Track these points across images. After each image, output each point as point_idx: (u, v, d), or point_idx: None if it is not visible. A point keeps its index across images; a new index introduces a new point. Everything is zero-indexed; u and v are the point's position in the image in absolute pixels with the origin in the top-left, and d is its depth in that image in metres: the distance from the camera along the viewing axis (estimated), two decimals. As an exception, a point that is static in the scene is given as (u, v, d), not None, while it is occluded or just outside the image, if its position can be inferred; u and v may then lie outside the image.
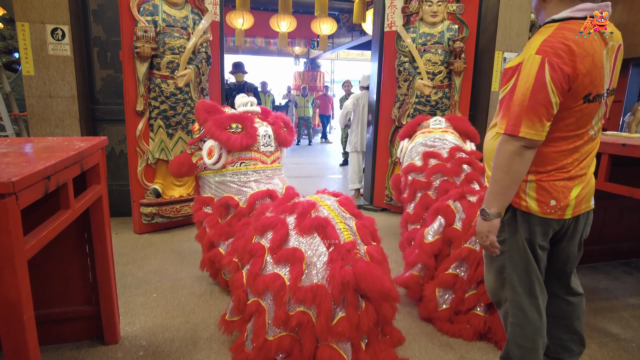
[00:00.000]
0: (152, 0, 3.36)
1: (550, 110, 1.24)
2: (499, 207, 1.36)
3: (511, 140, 1.27)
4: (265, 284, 1.74)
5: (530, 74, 1.23)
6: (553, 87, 1.21)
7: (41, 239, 1.17)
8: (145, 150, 3.50)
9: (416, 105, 4.08)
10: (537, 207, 1.37)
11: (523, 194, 1.38)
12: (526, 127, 1.24)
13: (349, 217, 1.97)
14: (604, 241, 3.23)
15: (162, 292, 2.58)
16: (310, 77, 13.97)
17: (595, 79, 1.27)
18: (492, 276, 1.55)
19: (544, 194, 1.36)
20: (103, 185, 1.83)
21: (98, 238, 1.84)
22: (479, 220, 1.42)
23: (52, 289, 1.89)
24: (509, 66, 1.33)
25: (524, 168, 1.30)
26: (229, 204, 2.35)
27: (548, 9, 1.33)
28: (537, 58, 1.22)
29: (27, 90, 3.51)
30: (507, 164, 1.29)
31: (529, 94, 1.23)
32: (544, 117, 1.24)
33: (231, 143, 2.31)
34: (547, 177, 1.35)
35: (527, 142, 1.26)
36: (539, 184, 1.36)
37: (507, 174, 1.30)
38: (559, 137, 1.33)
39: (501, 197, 1.35)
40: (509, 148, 1.28)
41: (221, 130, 2.32)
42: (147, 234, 3.61)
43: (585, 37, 1.23)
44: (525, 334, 1.48)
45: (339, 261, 1.70)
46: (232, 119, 2.39)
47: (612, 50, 1.31)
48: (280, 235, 1.83)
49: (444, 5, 3.97)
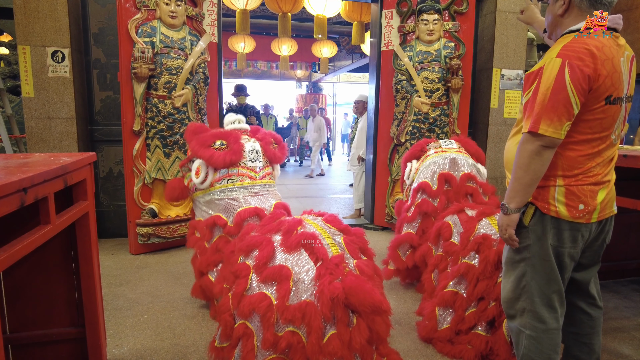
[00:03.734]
0: (150, 22, 3.42)
1: (570, 110, 1.29)
2: (517, 203, 1.41)
3: (531, 139, 1.33)
4: (251, 305, 1.66)
5: (551, 75, 1.30)
6: (572, 88, 1.27)
7: (14, 254, 1.13)
8: (142, 170, 3.48)
9: (414, 123, 4.07)
10: (567, 211, 1.39)
11: (552, 200, 1.40)
12: (545, 124, 1.29)
13: (336, 233, 1.91)
14: (612, 258, 3.12)
15: (153, 313, 2.51)
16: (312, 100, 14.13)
17: (615, 81, 1.32)
18: (511, 284, 1.52)
19: (573, 198, 1.39)
20: (90, 202, 1.79)
21: (84, 256, 1.79)
22: (500, 215, 1.48)
23: (36, 310, 1.82)
24: (531, 71, 1.39)
25: (543, 167, 1.35)
26: (216, 224, 2.29)
27: (565, 23, 1.43)
28: (557, 61, 1.30)
29: (27, 111, 3.54)
30: (527, 163, 1.34)
31: (549, 94, 1.29)
32: (563, 117, 1.29)
33: (214, 159, 2.29)
34: (575, 181, 1.39)
35: (546, 141, 1.31)
36: (568, 189, 1.39)
37: (527, 172, 1.35)
38: (583, 140, 1.37)
39: (521, 194, 1.39)
40: (529, 147, 1.33)
41: (204, 148, 2.30)
42: (143, 255, 3.56)
43: (605, 44, 1.31)
44: (541, 349, 1.45)
45: (327, 276, 1.63)
46: (215, 137, 2.37)
47: (628, 59, 1.39)
48: (265, 253, 1.77)
49: (440, 23, 4.01)
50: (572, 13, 1.40)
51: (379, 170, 4.41)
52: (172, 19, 3.44)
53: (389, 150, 4.28)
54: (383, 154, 4.35)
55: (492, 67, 4.44)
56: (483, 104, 4.60)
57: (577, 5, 1.38)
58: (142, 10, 3.39)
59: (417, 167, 2.99)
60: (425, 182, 2.79)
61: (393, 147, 4.25)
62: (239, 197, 2.33)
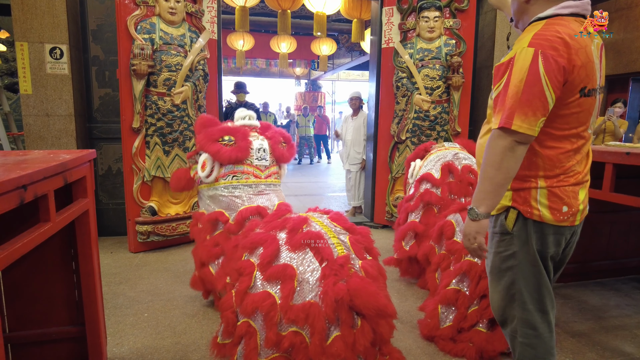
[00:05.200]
0: (150, 18, 3.39)
1: (546, 104, 1.18)
2: (488, 206, 1.27)
3: (504, 135, 1.20)
4: (254, 303, 1.65)
5: (524, 66, 1.18)
6: (547, 80, 1.16)
7: (13, 252, 1.11)
8: (141, 167, 3.46)
9: (415, 121, 4.05)
10: (551, 215, 1.28)
11: (534, 202, 1.29)
12: (519, 120, 1.17)
13: (342, 232, 1.89)
14: (613, 256, 3.12)
15: (153, 312, 2.49)
16: (311, 97, 14.09)
17: (589, 72, 1.23)
18: (499, 294, 1.42)
19: (555, 200, 1.29)
20: (90, 200, 1.77)
21: (84, 255, 1.77)
22: (466, 221, 1.33)
23: (35, 309, 1.80)
24: (501, 63, 1.28)
25: (516, 165, 1.23)
26: (218, 220, 2.28)
27: (532, 10, 1.31)
28: (529, 50, 1.18)
29: (25, 109, 3.51)
30: (499, 160, 1.21)
31: (523, 86, 1.18)
32: (538, 111, 1.18)
33: (220, 155, 2.27)
34: (557, 182, 1.29)
35: (520, 137, 1.19)
36: (550, 190, 1.29)
37: (499, 171, 1.22)
38: (561, 137, 1.27)
39: (492, 196, 1.26)
40: (502, 143, 1.21)
41: (212, 142, 2.28)
42: (142, 253, 3.54)
43: (576, 30, 1.21)
44: (537, 354, 1.37)
45: (332, 277, 1.62)
46: (224, 132, 2.34)
47: (597, 47, 1.30)
48: (270, 251, 1.76)
49: (441, 21, 3.99)
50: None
51: (379, 168, 4.40)
52: (171, 16, 3.42)
53: (389, 148, 4.27)
54: (383, 151, 4.33)
55: (493, 64, 4.42)
56: (484, 102, 4.58)
57: None
58: (141, 6, 3.36)
59: (421, 164, 3.01)
60: (428, 173, 2.85)
61: (393, 145, 4.23)
62: (243, 195, 2.31)
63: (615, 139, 4.97)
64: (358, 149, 4.94)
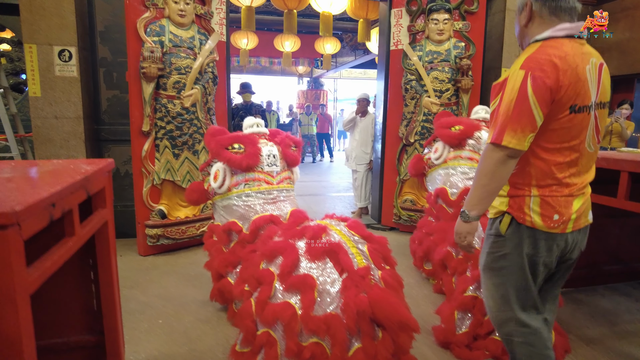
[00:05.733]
0: (159, 21, 3.37)
1: (533, 122, 1.30)
2: (479, 210, 1.41)
3: (496, 149, 1.33)
4: (275, 314, 1.66)
5: (515, 87, 1.30)
6: (535, 99, 1.28)
7: (45, 271, 1.11)
8: (150, 170, 3.45)
9: (424, 123, 4.05)
10: (542, 221, 1.39)
11: (527, 209, 1.40)
12: (509, 136, 1.30)
13: (360, 241, 1.90)
14: (623, 261, 3.13)
15: (167, 317, 2.49)
16: (313, 95, 14.06)
17: (579, 90, 1.31)
18: (489, 292, 1.55)
19: (547, 208, 1.38)
20: (109, 210, 1.77)
21: (103, 265, 1.77)
22: (458, 221, 1.46)
23: (53, 318, 1.81)
24: (497, 82, 1.41)
25: (508, 174, 1.37)
26: (232, 230, 2.29)
27: (531, 33, 1.43)
28: (521, 72, 1.30)
29: (33, 111, 3.50)
30: (492, 170, 1.35)
31: (513, 105, 1.30)
32: (526, 128, 1.29)
33: (232, 162, 2.29)
34: (550, 192, 1.38)
35: (510, 152, 1.32)
36: (543, 199, 1.38)
37: (492, 180, 1.36)
38: (553, 149, 1.37)
39: (484, 202, 1.40)
40: (495, 156, 1.34)
41: (222, 150, 2.30)
42: (152, 256, 3.54)
43: (568, 52, 1.30)
44: (535, 350, 1.48)
45: (353, 289, 1.62)
46: (233, 140, 2.37)
47: (595, 66, 1.37)
48: (290, 261, 1.76)
49: (450, 23, 3.97)
50: (535, 22, 1.40)
51: (387, 170, 4.40)
52: (181, 18, 3.40)
53: (397, 150, 4.26)
54: (391, 153, 4.33)
55: (500, 66, 4.41)
56: (491, 104, 4.57)
57: (539, 14, 1.39)
58: (150, 8, 3.34)
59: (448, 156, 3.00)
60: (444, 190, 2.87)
61: (402, 147, 4.23)
62: (255, 203, 2.31)
63: (622, 140, 4.97)
64: (366, 149, 4.94)
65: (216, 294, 2.41)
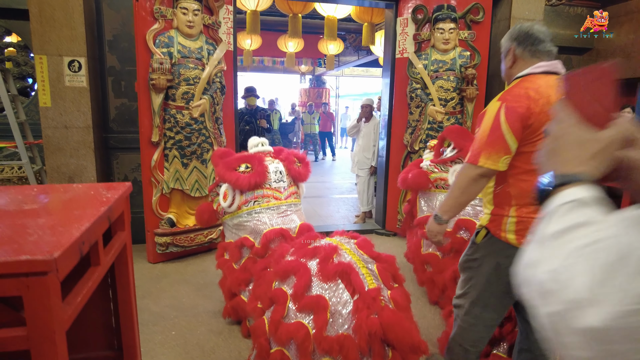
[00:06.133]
0: (168, 32, 3.41)
1: (506, 146, 1.47)
2: (450, 215, 1.63)
3: (471, 168, 1.52)
4: (289, 333, 1.72)
5: (491, 116, 1.50)
6: (507, 125, 1.45)
7: (77, 306, 1.16)
8: (160, 180, 3.51)
9: (428, 132, 4.09)
10: (516, 240, 1.54)
11: (503, 226, 1.56)
12: (484, 158, 1.48)
13: (369, 261, 1.95)
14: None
15: (180, 329, 2.56)
16: (315, 94, 14.06)
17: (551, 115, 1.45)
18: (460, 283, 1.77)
19: (522, 227, 1.52)
20: (127, 232, 1.82)
21: (121, 284, 1.82)
22: (430, 220, 1.68)
23: (78, 335, 1.86)
24: (482, 112, 1.59)
25: (477, 191, 1.56)
26: (244, 245, 2.35)
27: (514, 72, 1.62)
28: (497, 104, 1.50)
29: (44, 121, 3.55)
30: (464, 186, 1.54)
31: (488, 131, 1.49)
32: (500, 151, 1.47)
33: (240, 182, 2.34)
34: (528, 212, 1.51)
35: (484, 171, 1.50)
36: (520, 219, 1.53)
37: (463, 194, 1.56)
38: (530, 170, 1.50)
39: (454, 209, 1.61)
40: (469, 174, 1.53)
41: (230, 172, 2.36)
42: (161, 264, 3.60)
43: (542, 84, 1.48)
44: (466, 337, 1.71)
45: (365, 310, 1.68)
46: (240, 160, 2.43)
47: None
48: (303, 282, 1.82)
49: (456, 32, 4.00)
50: (519, 64, 1.61)
51: (392, 176, 4.44)
52: (189, 29, 3.43)
53: (401, 157, 4.31)
54: (396, 160, 4.38)
55: (505, 73, 4.44)
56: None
57: (521, 57, 1.59)
58: (159, 20, 3.37)
59: None
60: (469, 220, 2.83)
61: (406, 155, 4.28)
62: (265, 218, 2.38)
63: None
64: (367, 155, 4.99)
65: (230, 311, 2.47)
